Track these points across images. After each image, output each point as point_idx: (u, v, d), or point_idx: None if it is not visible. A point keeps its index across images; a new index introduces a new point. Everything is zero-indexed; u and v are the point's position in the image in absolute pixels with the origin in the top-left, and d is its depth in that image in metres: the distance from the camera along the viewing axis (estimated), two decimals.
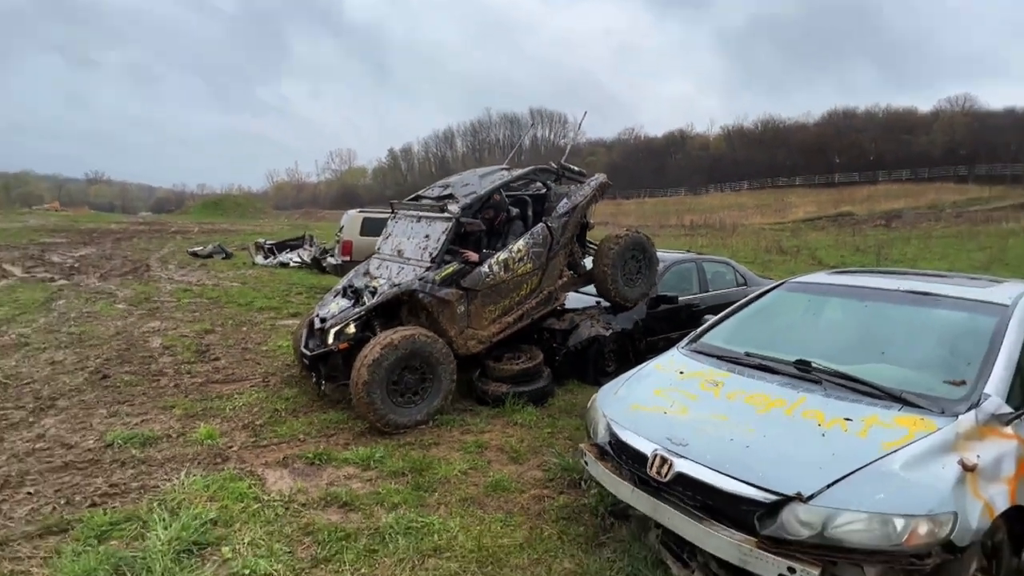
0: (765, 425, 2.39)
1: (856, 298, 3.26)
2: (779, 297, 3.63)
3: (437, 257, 4.61)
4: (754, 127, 66.64)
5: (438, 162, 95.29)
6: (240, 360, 5.81)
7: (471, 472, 3.54)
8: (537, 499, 3.25)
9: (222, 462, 3.52)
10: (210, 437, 3.81)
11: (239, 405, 4.50)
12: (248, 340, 6.68)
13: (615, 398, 3.00)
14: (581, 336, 5.31)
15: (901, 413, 2.31)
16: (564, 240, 5.29)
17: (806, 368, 2.75)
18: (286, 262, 14.74)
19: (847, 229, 27.94)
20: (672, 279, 6.47)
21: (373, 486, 3.32)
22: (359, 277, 5.08)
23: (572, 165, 5.92)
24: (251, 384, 5.07)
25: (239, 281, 11.86)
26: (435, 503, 3.16)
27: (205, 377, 5.19)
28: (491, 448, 3.92)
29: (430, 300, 4.50)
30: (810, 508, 1.99)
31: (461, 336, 4.68)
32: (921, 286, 3.12)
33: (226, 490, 3.12)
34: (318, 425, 4.17)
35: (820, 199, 41.90)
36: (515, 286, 4.97)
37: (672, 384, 2.92)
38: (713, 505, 2.20)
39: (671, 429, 2.51)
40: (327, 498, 3.14)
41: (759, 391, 2.65)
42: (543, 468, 3.64)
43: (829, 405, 2.44)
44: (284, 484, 3.30)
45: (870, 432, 2.22)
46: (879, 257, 17.38)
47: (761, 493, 2.09)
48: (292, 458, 3.62)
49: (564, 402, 4.85)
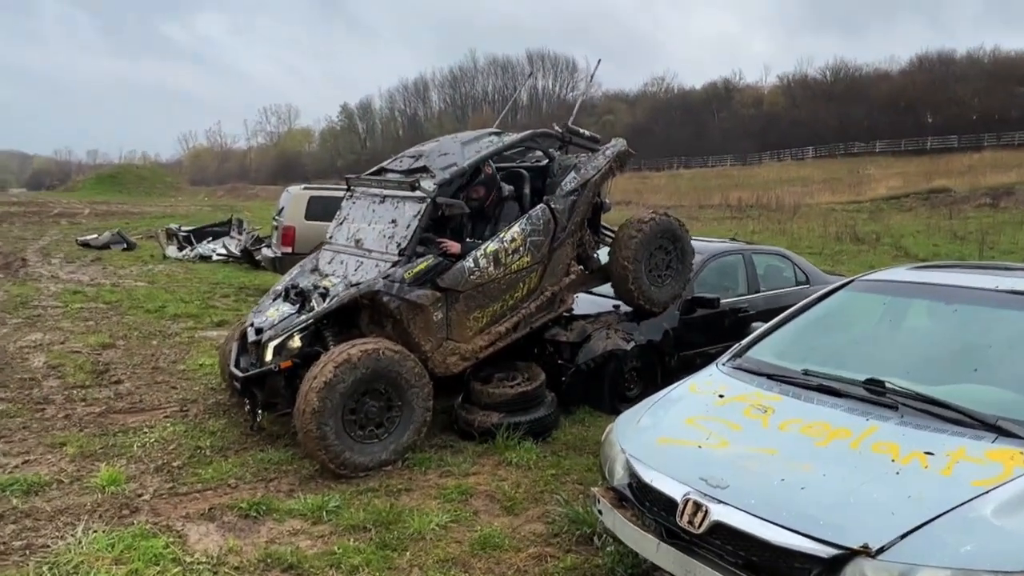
0: (825, 462, 2.49)
1: (943, 300, 3.37)
2: (846, 299, 3.75)
3: (407, 248, 4.68)
4: (821, 76, 67.13)
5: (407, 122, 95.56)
6: (150, 383, 5.89)
7: (452, 526, 3.63)
8: (538, 559, 3.34)
9: (130, 514, 3.59)
10: (114, 483, 3.88)
11: (150, 441, 4.57)
12: (160, 357, 6.76)
13: (637, 429, 3.10)
14: (594, 351, 5.42)
15: (996, 445, 2.42)
16: (572, 226, 5.38)
17: (879, 389, 2.86)
18: (207, 254, 14.83)
19: (942, 210, 28.31)
20: (712, 276, 6.59)
21: (326, 544, 3.40)
22: (305, 275, 5.15)
23: (581, 128, 6.01)
24: (165, 414, 5.15)
25: (146, 280, 11.93)
26: (406, 565, 3.25)
27: (105, 405, 5.27)
28: (478, 495, 4.01)
29: (398, 304, 4.57)
30: (880, 564, 2.09)
31: (438, 351, 4.76)
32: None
33: (136, 550, 3.19)
34: (253, 467, 4.26)
35: (908, 170, 42.34)
36: (508, 286, 5.06)
37: (709, 411, 3.02)
38: (759, 562, 2.30)
39: (707, 467, 2.61)
40: (267, 560, 3.22)
41: (819, 419, 2.76)
42: (545, 520, 3.73)
43: (906, 436, 2.55)
44: (211, 542, 3.38)
45: (955, 469, 2.33)
46: (983, 246, 17.64)
47: (819, 546, 2.18)
48: (221, 509, 3.70)
49: (572, 436, 4.95)
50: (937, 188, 33.82)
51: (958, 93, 55.12)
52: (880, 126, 55.43)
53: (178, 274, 12.63)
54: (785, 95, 68.23)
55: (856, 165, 46.77)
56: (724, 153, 61.47)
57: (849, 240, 20.21)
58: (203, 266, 13.99)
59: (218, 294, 10.73)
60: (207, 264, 14.31)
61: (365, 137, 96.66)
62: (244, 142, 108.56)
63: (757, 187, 41.03)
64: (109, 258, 14.69)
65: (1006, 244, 18.68)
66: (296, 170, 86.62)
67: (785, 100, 67.36)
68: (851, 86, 63.00)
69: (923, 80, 58.15)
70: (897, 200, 32.35)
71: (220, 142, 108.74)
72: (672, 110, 73.01)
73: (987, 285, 3.33)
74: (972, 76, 56.67)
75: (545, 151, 5.84)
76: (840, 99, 61.54)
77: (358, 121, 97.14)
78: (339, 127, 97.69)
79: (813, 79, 67.66)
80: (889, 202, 32.21)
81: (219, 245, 15.12)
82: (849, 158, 52.04)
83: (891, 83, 60.06)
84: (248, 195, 52.47)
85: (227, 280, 12.10)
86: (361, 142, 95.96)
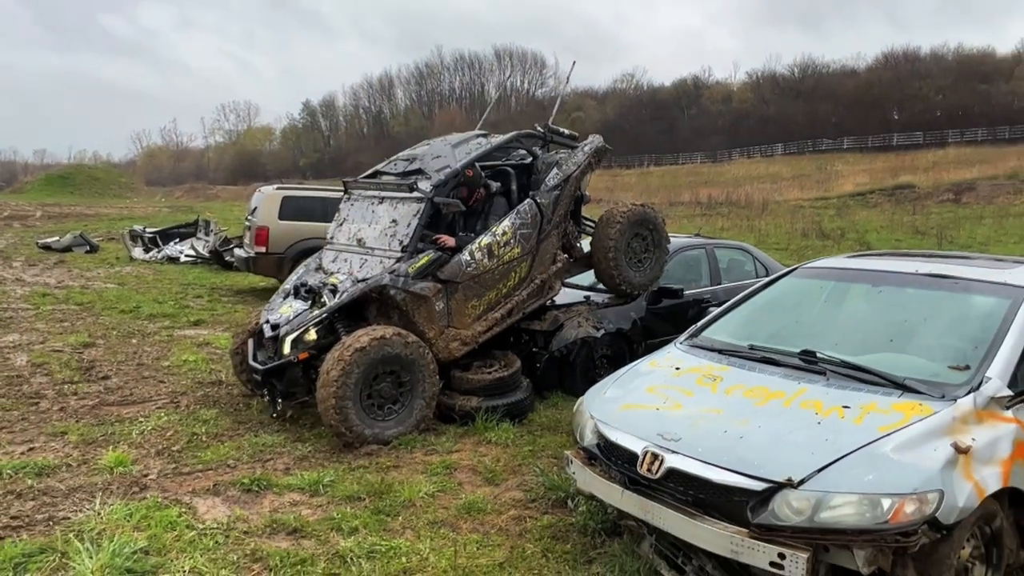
0: (761, 417, 3.02)
1: (872, 283, 3.95)
2: (790, 284, 4.31)
3: (409, 245, 5.18)
4: (790, 73, 68.83)
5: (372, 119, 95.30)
6: (137, 379, 6.24)
7: (440, 495, 4.09)
8: (518, 520, 3.83)
9: (140, 491, 3.99)
10: (121, 464, 4.27)
11: (148, 429, 4.95)
12: (142, 354, 7.09)
13: (604, 399, 3.60)
14: (567, 338, 5.93)
15: (901, 400, 2.97)
16: (556, 218, 5.93)
17: (811, 359, 3.41)
18: (175, 256, 15.02)
19: (906, 206, 29.51)
20: (677, 269, 7.16)
21: (325, 512, 3.84)
22: (311, 273, 5.61)
23: (561, 127, 6.56)
24: (157, 406, 5.51)
25: (115, 281, 12.13)
26: (399, 527, 3.71)
27: (97, 399, 5.61)
28: (462, 469, 4.48)
29: (404, 297, 5.07)
30: (801, 493, 2.62)
31: (442, 337, 5.28)
32: (941, 269, 3.82)
33: (152, 519, 3.60)
34: (249, 450, 4.67)
35: (874, 167, 43.76)
36: (502, 275, 5.59)
37: (667, 381, 3.54)
38: (705, 499, 2.81)
39: (663, 425, 3.12)
40: (272, 525, 3.65)
41: (759, 384, 3.29)
42: (523, 488, 4.22)
43: (829, 395, 3.09)
44: (219, 512, 3.79)
45: (866, 418, 2.87)
46: (941, 240, 18.61)
47: (752, 482, 2.71)
48: (224, 485, 4.11)
49: (547, 418, 5.45)
50: (902, 184, 35.11)
51: (923, 90, 57.12)
52: (848, 123, 57.18)
53: (147, 276, 12.84)
54: (754, 92, 69.78)
55: (824, 162, 48.11)
56: (694, 150, 62.69)
57: (815, 236, 21.10)
58: (172, 268, 14.20)
59: (191, 295, 11.00)
60: (175, 266, 14.52)
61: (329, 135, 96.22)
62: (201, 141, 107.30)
63: (727, 184, 42.08)
64: (73, 261, 14.79)
65: (964, 239, 19.72)
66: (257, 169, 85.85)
67: (754, 97, 68.91)
68: (819, 83, 64.79)
69: (889, 77, 60.11)
70: (863, 196, 33.53)
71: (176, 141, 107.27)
72: (642, 107, 74.17)
73: (909, 269, 3.92)
74: (936, 73, 58.72)
75: (529, 150, 6.39)
76: (808, 96, 63.27)
77: (321, 119, 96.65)
78: (301, 125, 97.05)
79: (782, 76, 69.44)
80: (856, 198, 33.38)
81: (187, 246, 15.30)
82: (817, 155, 53.44)
83: (858, 80, 61.88)
84: (208, 195, 52.02)
85: (198, 281, 12.36)
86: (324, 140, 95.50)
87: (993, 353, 3.12)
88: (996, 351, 3.12)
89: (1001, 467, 2.79)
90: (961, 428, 2.81)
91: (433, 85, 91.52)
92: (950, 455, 2.66)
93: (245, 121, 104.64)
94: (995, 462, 2.79)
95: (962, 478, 2.64)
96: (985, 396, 2.92)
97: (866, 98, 58.03)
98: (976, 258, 4.24)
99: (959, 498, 2.59)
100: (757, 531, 2.65)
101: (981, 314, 3.43)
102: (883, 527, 2.52)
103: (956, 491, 2.59)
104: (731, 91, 72.66)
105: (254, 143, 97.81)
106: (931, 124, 53.79)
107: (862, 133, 54.92)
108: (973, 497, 2.64)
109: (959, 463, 2.67)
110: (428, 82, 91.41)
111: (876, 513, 2.53)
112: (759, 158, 57.27)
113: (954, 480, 2.61)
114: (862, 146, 53.72)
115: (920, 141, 51.54)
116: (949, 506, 2.56)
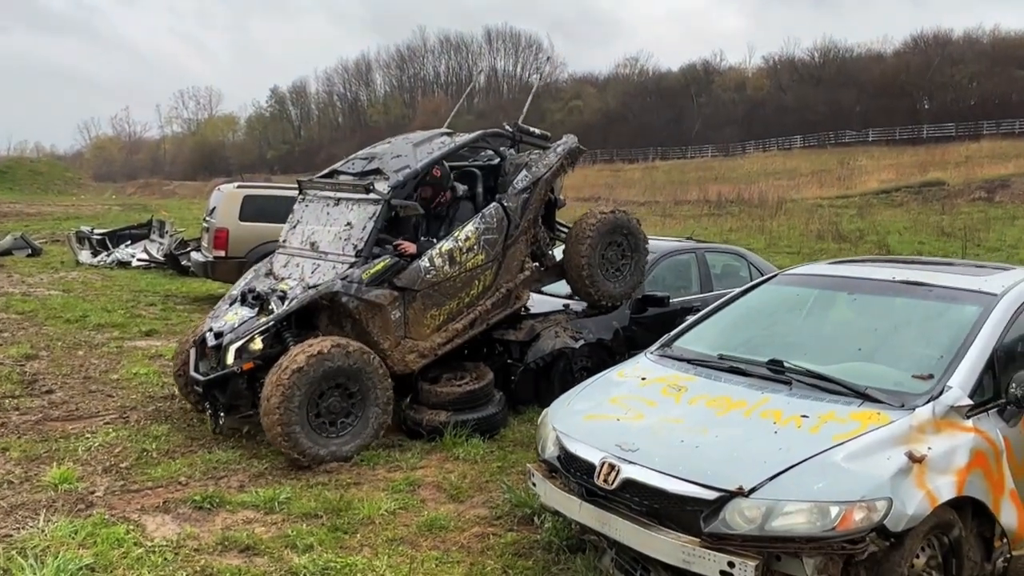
0: (720, 427, 3.32)
1: (847, 291, 4.27)
2: (768, 292, 4.63)
3: (364, 250, 5.44)
4: (810, 58, 69.54)
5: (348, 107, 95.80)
6: (83, 392, 6.49)
7: (401, 512, 4.37)
8: (480, 537, 4.11)
9: (86, 508, 4.25)
10: (65, 481, 4.53)
11: (95, 445, 5.21)
12: (89, 367, 7.35)
13: (568, 410, 3.90)
14: (543, 349, 6.23)
15: (860, 409, 3.27)
16: (525, 223, 6.21)
17: (778, 369, 3.71)
18: (126, 260, 15.25)
19: (934, 204, 30.00)
20: (665, 275, 7.48)
21: (279, 529, 4.11)
22: (260, 279, 5.87)
23: (532, 127, 6.86)
24: (105, 421, 5.78)
25: (60, 288, 12.36)
26: (357, 544, 3.98)
27: (40, 414, 5.87)
28: (426, 486, 4.77)
29: (357, 304, 5.32)
30: (752, 501, 2.91)
31: (397, 349, 5.53)
32: (917, 275, 4.13)
33: (98, 536, 3.86)
34: (202, 467, 4.93)
35: (901, 162, 44.38)
36: (464, 283, 5.85)
37: (631, 391, 3.83)
38: (660, 510, 3.10)
39: (622, 436, 3.41)
40: (224, 543, 3.92)
41: (722, 394, 3.59)
42: (489, 505, 4.51)
43: (791, 404, 3.39)
44: (168, 530, 4.06)
45: (823, 428, 3.17)
46: (967, 243, 19.02)
47: (706, 491, 3.00)
48: (174, 503, 4.38)
49: (520, 433, 5.74)
50: (931, 181, 35.65)
51: (955, 77, 57.80)
52: (873, 113, 57.78)
53: (95, 282, 13.08)
54: (771, 78, 70.51)
55: (847, 156, 48.65)
56: (704, 143, 63.33)
57: (831, 239, 21.51)
58: (122, 273, 14.44)
59: (143, 303, 11.25)
60: (127, 271, 14.75)
61: (299, 125, 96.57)
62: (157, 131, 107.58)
63: (739, 180, 42.57)
64: (13, 265, 15.00)
65: (992, 241, 20.16)
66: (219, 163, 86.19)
67: (771, 84, 69.68)
68: (842, 69, 65.54)
69: (918, 63, 60.81)
70: (888, 194, 34.05)
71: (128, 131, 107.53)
72: (647, 95, 74.87)
73: (885, 277, 4.24)
74: (970, 58, 59.41)
75: (496, 150, 6.67)
76: (830, 83, 64.01)
77: (291, 107, 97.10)
78: (269, 114, 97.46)
79: (801, 61, 70.20)
80: (879, 196, 33.89)
81: (139, 249, 15.53)
82: (840, 148, 54.03)
83: (884, 66, 62.65)
84: (164, 192, 52.30)
85: (151, 288, 12.62)
86: (295, 130, 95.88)
87: (957, 362, 3.42)
88: (960, 360, 3.43)
89: (956, 476, 3.09)
90: (917, 437, 3.11)
91: (415, 69, 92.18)
92: (903, 464, 2.96)
93: (206, 109, 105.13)
94: (951, 471, 3.08)
95: (913, 486, 2.94)
96: (944, 405, 3.23)
97: (893, 86, 58.73)
98: (957, 264, 4.57)
99: (908, 506, 2.88)
100: (708, 540, 2.94)
101: (951, 322, 3.74)
102: (831, 534, 2.81)
103: (906, 499, 2.89)
104: (745, 77, 73.41)
105: (216, 134, 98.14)
106: (964, 114, 54.42)
107: (888, 124, 55.42)
108: (924, 505, 2.93)
109: (912, 472, 2.97)
110: (410, 66, 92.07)
111: (825, 521, 2.83)
112: (775, 151, 57.81)
113: (905, 488, 2.91)
114: (888, 138, 54.26)
115: (952, 133, 52.08)
116: (898, 514, 2.85)
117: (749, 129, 62.56)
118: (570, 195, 32.46)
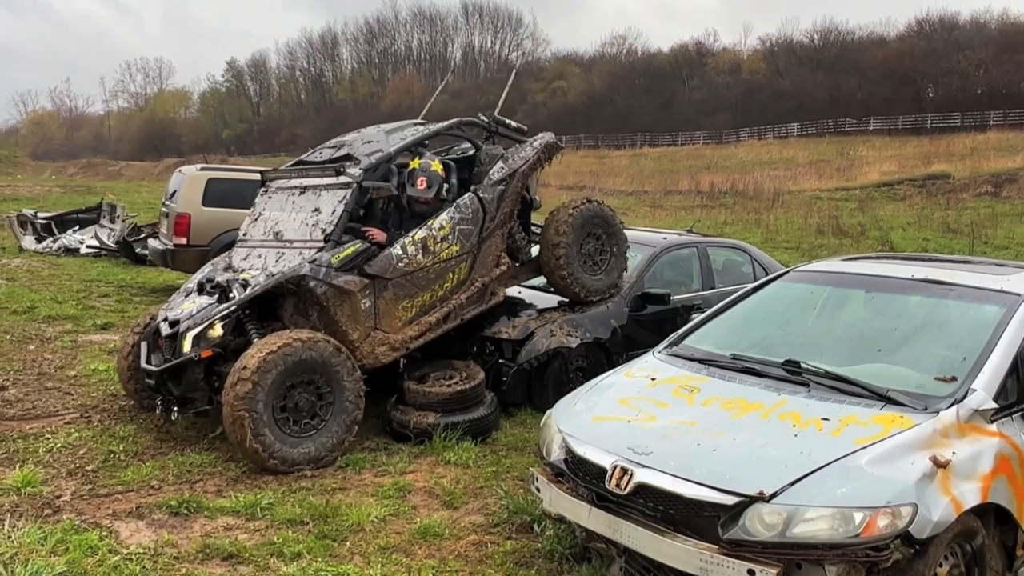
0: (737, 430, 3.42)
1: (864, 289, 4.40)
2: (780, 289, 4.74)
3: (332, 234, 5.47)
4: (809, 40, 70.22)
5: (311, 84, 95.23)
6: (39, 390, 6.47)
7: (391, 519, 4.43)
8: (478, 545, 4.18)
9: (53, 513, 4.26)
10: (29, 484, 4.53)
11: (57, 447, 5.21)
12: (42, 363, 7.31)
13: (573, 411, 3.98)
14: (537, 348, 6.31)
15: (882, 412, 3.39)
16: (501, 216, 6.33)
17: (795, 370, 3.83)
18: (74, 247, 15.09)
19: (939, 199, 30.55)
20: (664, 271, 7.59)
21: (264, 536, 4.15)
22: (219, 272, 5.88)
23: (509, 120, 7.00)
24: (65, 420, 5.77)
25: (3, 276, 12.21)
26: (347, 553, 4.04)
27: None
28: (416, 491, 4.83)
29: (325, 290, 5.34)
30: (773, 507, 3.01)
31: (366, 340, 5.57)
32: (937, 274, 4.27)
33: (69, 543, 3.87)
34: (175, 469, 4.96)
35: (904, 153, 45.10)
36: (438, 275, 5.93)
37: (641, 392, 3.93)
38: (675, 515, 3.20)
39: (634, 439, 3.51)
40: (205, 550, 3.96)
41: (738, 396, 3.69)
42: (485, 512, 4.59)
43: (810, 407, 3.50)
44: (144, 537, 4.09)
45: (845, 431, 3.28)
46: (974, 240, 19.41)
47: (724, 496, 3.10)
48: (148, 508, 4.40)
49: (513, 437, 5.82)
50: (935, 174, 36.28)
51: (961, 64, 58.61)
52: (874, 100, 58.55)
53: (42, 270, 12.94)
54: (767, 61, 71.10)
55: (847, 146, 49.36)
56: (696, 129, 63.73)
57: (831, 233, 21.82)
58: (71, 260, 14.29)
59: (96, 293, 11.17)
60: (75, 258, 14.61)
61: (258, 102, 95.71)
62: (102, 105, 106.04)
63: (733, 170, 43.03)
64: None
65: (1001, 239, 20.56)
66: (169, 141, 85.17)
67: (767, 67, 70.25)
68: (842, 53, 66.24)
69: (922, 48, 61.54)
70: (890, 187, 34.58)
71: (69, 105, 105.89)
72: (635, 76, 75.14)
73: (904, 275, 4.37)
74: (978, 44, 60.27)
75: (471, 140, 6.77)
76: (830, 68, 64.68)
77: (249, 82, 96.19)
78: (225, 89, 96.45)
79: (799, 43, 70.81)
80: (881, 189, 34.42)
81: (89, 235, 15.37)
82: (839, 137, 54.74)
83: (887, 50, 63.31)
84: (110, 173, 51.63)
85: (104, 277, 12.51)
86: (253, 108, 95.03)
87: (981, 364, 3.55)
88: (985, 362, 3.56)
89: (981, 482, 3.22)
90: (942, 441, 3.23)
91: (386, 44, 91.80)
92: (927, 468, 3.08)
93: (156, 83, 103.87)
94: (975, 477, 3.21)
95: (938, 492, 3.06)
96: (969, 409, 3.36)
97: (896, 72, 59.49)
98: (976, 263, 4.71)
99: (934, 512, 3.01)
100: (727, 547, 3.04)
101: (973, 322, 3.88)
102: (855, 541, 2.92)
103: (931, 505, 3.01)
104: (740, 60, 74.00)
105: (166, 110, 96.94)
106: (970, 103, 55.16)
107: (891, 113, 56.19)
108: (949, 512, 3.06)
109: (936, 477, 3.09)
110: (380, 40, 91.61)
111: (848, 527, 2.94)
112: (771, 139, 58.44)
113: (929, 494, 3.03)
114: (891, 128, 55.02)
115: (957, 123, 52.86)
116: (923, 520, 2.97)
117: (743, 115, 63.10)
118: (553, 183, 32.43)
